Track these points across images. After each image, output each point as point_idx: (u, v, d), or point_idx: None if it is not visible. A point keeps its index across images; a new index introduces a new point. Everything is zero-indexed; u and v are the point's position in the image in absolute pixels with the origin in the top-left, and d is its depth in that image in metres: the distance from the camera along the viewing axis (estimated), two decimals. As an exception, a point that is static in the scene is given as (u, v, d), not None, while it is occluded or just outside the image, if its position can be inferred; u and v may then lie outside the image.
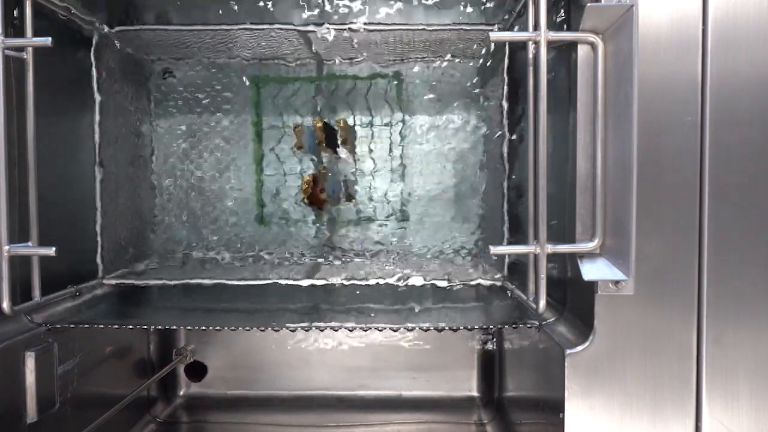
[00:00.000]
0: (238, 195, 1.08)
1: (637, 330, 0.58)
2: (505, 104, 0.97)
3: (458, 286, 0.93)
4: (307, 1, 0.96)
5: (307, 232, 1.07)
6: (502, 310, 0.87)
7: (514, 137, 0.96)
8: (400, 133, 1.06)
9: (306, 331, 1.08)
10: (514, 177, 0.96)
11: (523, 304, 0.81)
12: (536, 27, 0.59)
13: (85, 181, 0.92)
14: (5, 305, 0.64)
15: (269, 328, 0.78)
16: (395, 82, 1.06)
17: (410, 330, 1.05)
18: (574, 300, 0.67)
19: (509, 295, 0.90)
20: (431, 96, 1.06)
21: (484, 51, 1.01)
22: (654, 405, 0.58)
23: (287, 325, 0.78)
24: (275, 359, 1.11)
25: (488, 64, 1.04)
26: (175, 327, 1.05)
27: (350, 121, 1.06)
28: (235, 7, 0.96)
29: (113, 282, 0.95)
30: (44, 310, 0.78)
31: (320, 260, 1.06)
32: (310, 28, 0.92)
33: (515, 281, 0.91)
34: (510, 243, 0.96)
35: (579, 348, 0.58)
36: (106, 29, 0.93)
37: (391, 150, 1.07)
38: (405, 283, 0.94)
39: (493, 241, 1.01)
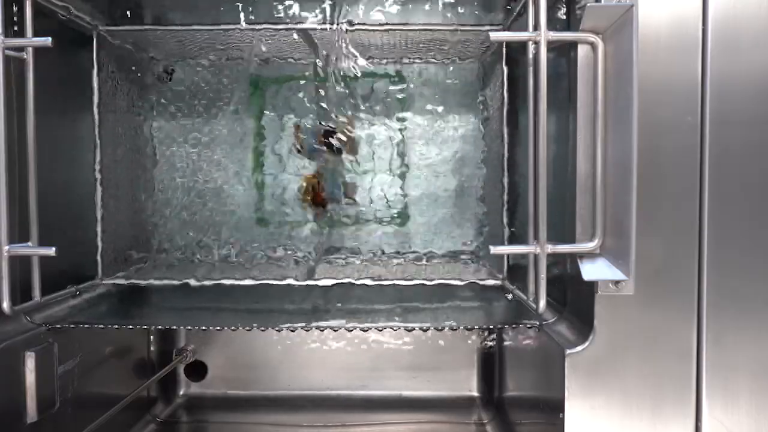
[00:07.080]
0: (238, 195, 1.08)
1: (637, 330, 0.58)
2: (505, 104, 0.97)
3: (458, 286, 0.93)
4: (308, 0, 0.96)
5: (308, 232, 1.07)
6: (503, 310, 0.87)
7: (514, 137, 0.96)
8: (401, 132, 1.06)
9: (306, 331, 1.08)
10: (514, 177, 0.96)
11: (523, 304, 0.81)
12: (536, 27, 0.59)
13: (86, 180, 0.92)
14: (5, 305, 0.64)
15: (269, 328, 0.78)
16: (396, 82, 1.06)
17: (410, 330, 1.05)
18: (574, 300, 0.67)
19: (510, 295, 0.90)
20: (431, 96, 1.06)
21: (484, 51, 1.01)
22: (654, 405, 0.58)
23: (287, 325, 0.78)
24: (275, 359, 1.11)
25: (488, 64, 1.04)
26: (175, 327, 1.05)
27: (350, 122, 1.06)
28: (236, 7, 0.96)
29: (113, 282, 0.95)
30: (44, 310, 0.77)
31: (320, 260, 1.06)
32: (311, 27, 0.92)
33: (515, 281, 0.91)
34: (510, 243, 0.96)
35: (579, 348, 0.58)
36: (107, 29, 0.93)
37: (391, 150, 1.07)
38: (405, 283, 0.94)
39: (494, 241, 1.01)
